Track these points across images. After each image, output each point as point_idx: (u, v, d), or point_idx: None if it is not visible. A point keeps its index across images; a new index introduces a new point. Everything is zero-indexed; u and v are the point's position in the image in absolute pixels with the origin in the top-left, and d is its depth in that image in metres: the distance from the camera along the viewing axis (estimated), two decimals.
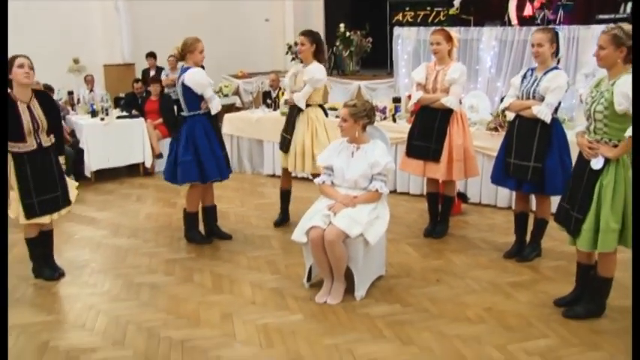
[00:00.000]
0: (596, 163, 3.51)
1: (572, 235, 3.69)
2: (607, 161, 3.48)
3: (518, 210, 4.88)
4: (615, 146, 3.46)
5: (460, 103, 5.25)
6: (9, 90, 4.18)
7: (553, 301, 3.98)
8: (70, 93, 9.37)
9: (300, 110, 5.43)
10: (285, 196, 5.84)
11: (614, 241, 3.51)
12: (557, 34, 4.46)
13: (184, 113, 5.14)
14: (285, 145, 5.54)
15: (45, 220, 4.41)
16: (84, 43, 10.55)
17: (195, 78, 4.98)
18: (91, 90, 9.59)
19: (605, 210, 3.47)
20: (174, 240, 5.45)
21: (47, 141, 4.35)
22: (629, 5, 8.81)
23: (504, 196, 6.20)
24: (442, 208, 5.50)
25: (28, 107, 4.24)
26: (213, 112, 5.14)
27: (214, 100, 5.12)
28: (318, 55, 5.43)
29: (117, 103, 9.40)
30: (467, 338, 3.58)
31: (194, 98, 5.05)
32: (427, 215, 5.59)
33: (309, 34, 5.43)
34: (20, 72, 4.15)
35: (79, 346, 3.58)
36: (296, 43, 5.74)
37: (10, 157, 4.20)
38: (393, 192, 6.73)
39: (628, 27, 3.44)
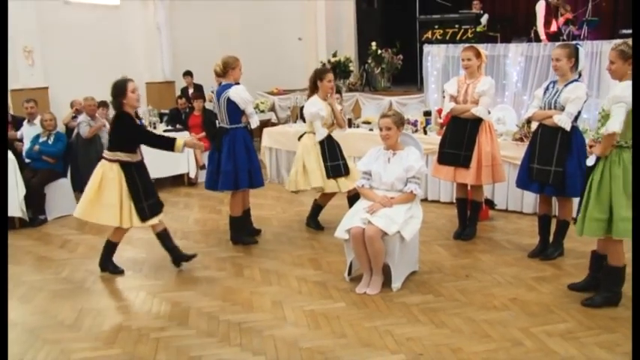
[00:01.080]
0: (590, 160, 4.03)
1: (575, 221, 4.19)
2: (598, 158, 3.97)
3: (541, 212, 5.26)
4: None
5: (489, 113, 5.67)
6: (125, 109, 4.75)
7: (567, 286, 4.42)
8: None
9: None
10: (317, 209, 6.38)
11: (600, 230, 3.97)
12: (577, 49, 4.87)
13: (226, 125, 5.61)
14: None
15: (154, 221, 4.97)
16: (128, 62, 11.15)
17: (240, 94, 5.50)
18: None
19: (592, 201, 3.96)
20: (223, 241, 5.93)
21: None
22: None
23: (530, 202, 6.55)
24: (470, 212, 5.89)
25: None
26: (253, 126, 5.67)
27: (254, 116, 5.64)
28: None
29: (161, 118, 10.00)
30: (493, 322, 3.98)
31: (237, 112, 5.56)
32: (456, 220, 5.98)
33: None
34: (134, 96, 4.79)
35: (148, 326, 4.06)
36: (329, 61, 6.23)
37: (117, 167, 4.72)
38: (425, 200, 7.15)
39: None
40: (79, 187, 7.74)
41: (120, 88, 4.76)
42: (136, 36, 11.52)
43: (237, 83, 5.67)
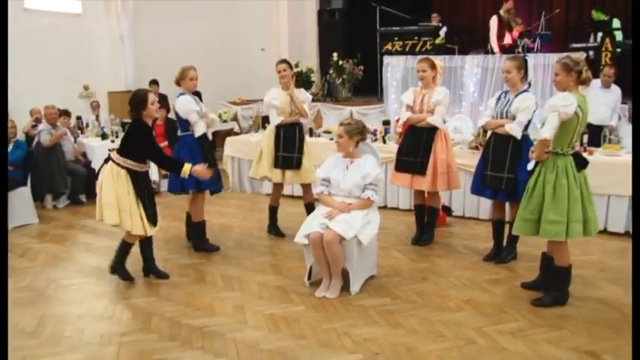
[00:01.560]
0: (530, 165, 4.39)
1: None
2: (537, 163, 4.29)
3: (495, 217, 5.48)
4: (547, 152, 4.21)
5: (444, 122, 5.87)
6: (144, 120, 4.80)
7: (520, 284, 4.65)
8: (79, 118, 9.95)
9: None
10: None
11: (527, 229, 4.33)
12: (525, 61, 5.12)
13: (178, 133, 5.80)
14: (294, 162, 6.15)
15: (155, 230, 5.01)
16: (90, 71, 11.13)
17: (181, 105, 5.66)
18: (97, 115, 10.18)
19: (524, 202, 4.35)
20: (185, 248, 5.99)
21: None
22: (599, 35, 9.57)
23: (486, 208, 6.77)
24: (428, 218, 6.07)
25: None
26: (196, 135, 5.70)
27: (198, 125, 5.69)
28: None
29: (123, 127, 9.97)
30: (448, 322, 4.14)
31: (183, 121, 5.71)
32: (415, 226, 6.16)
33: (287, 62, 6.22)
34: (153, 108, 4.83)
35: (110, 331, 4.10)
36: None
37: (124, 174, 4.74)
38: (384, 207, 7.33)
39: (576, 55, 4.21)
40: (39, 196, 7.74)
41: (141, 99, 4.78)
42: (98, 44, 11.48)
43: (199, 93, 5.78)
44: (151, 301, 4.63)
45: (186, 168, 4.90)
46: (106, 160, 4.87)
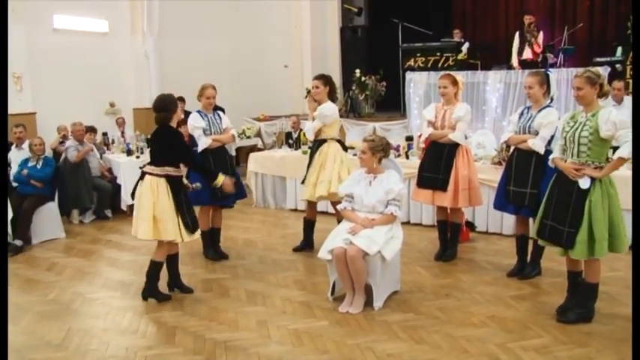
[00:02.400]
0: (584, 183, 4.12)
1: (565, 247, 4.22)
2: (592, 180, 4.08)
3: (518, 233, 5.44)
4: (596, 167, 4.06)
5: (465, 138, 5.86)
6: (172, 123, 4.90)
7: (556, 310, 4.46)
8: (105, 134, 10.11)
9: (318, 145, 6.07)
10: (309, 225, 6.43)
11: (606, 248, 4.10)
12: (547, 75, 5.10)
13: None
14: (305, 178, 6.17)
15: (196, 236, 5.06)
16: (116, 88, 11.33)
17: (189, 122, 5.98)
18: (123, 132, 10.35)
19: (599, 222, 4.05)
20: (209, 263, 6.04)
21: None
22: (619, 49, 9.51)
23: (509, 224, 6.72)
24: (450, 234, 6.04)
25: None
26: (199, 149, 5.91)
27: (200, 140, 5.94)
28: (331, 96, 6.17)
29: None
30: (471, 338, 4.12)
31: (192, 136, 6.04)
32: (438, 242, 6.14)
33: (322, 77, 6.16)
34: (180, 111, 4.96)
35: (135, 345, 4.15)
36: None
37: (164, 182, 4.77)
38: (407, 223, 7.32)
39: (595, 69, 4.17)
40: (66, 211, 7.87)
41: (171, 101, 4.88)
42: (124, 62, 11.67)
43: (222, 109, 5.92)
44: (175, 315, 4.68)
45: (220, 179, 5.01)
46: (142, 177, 4.85)
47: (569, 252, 4.21)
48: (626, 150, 3.96)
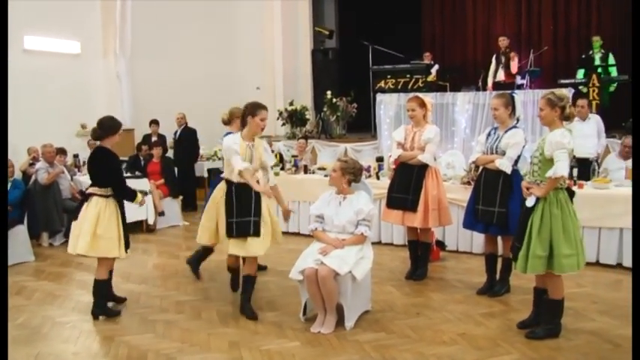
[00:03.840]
0: (529, 202, 4.31)
1: (515, 261, 4.40)
2: (538, 199, 4.25)
3: (487, 251, 5.55)
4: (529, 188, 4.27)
5: (435, 159, 5.97)
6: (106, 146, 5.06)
7: (516, 324, 4.60)
8: (76, 156, 10.04)
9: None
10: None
11: (541, 266, 4.24)
12: (512, 97, 5.26)
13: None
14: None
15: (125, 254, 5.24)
16: (88, 110, 11.20)
17: (225, 142, 5.11)
18: None
19: (533, 240, 4.23)
20: (182, 285, 6.01)
21: None
22: (581, 72, 9.85)
23: (479, 242, 6.82)
24: (421, 253, 6.12)
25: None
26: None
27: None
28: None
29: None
30: (442, 356, 4.18)
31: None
32: (408, 261, 6.22)
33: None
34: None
35: None
36: (286, 110, 6.31)
37: (112, 201, 5.05)
38: (378, 243, 7.39)
39: (559, 91, 4.35)
40: (35, 234, 7.77)
41: (110, 126, 5.12)
42: (96, 84, 11.63)
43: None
44: (147, 338, 4.65)
45: (138, 197, 5.29)
46: (86, 198, 5.15)
47: (514, 264, 4.41)
48: (552, 170, 4.13)
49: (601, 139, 8.13)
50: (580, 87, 9.55)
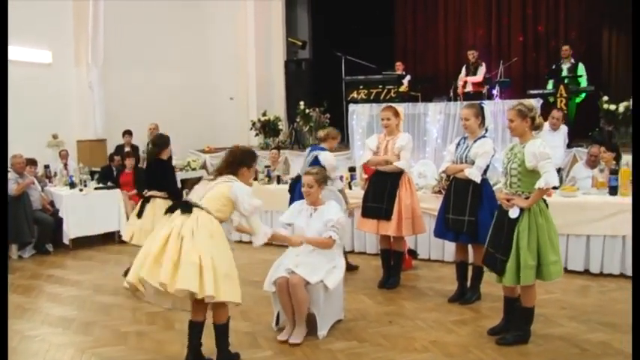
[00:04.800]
0: (513, 213, 4.32)
1: (498, 274, 4.42)
2: (522, 210, 4.27)
3: (458, 259, 5.63)
4: (527, 198, 4.27)
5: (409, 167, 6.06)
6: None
7: (487, 331, 4.67)
8: (47, 167, 9.92)
9: None
10: None
11: (533, 276, 4.28)
12: (482, 108, 5.36)
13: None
14: None
15: None
16: (60, 119, 11.11)
17: (329, 160, 6.24)
18: (66, 164, 10.18)
19: (523, 251, 4.24)
20: None
21: None
22: (550, 82, 10.07)
23: (451, 251, 6.87)
24: (394, 262, 6.18)
25: None
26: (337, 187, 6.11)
27: (337, 181, 6.35)
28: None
29: (92, 175, 9.98)
30: None
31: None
32: (381, 270, 6.26)
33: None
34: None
35: None
36: (259, 120, 6.50)
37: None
38: (351, 252, 7.45)
39: (528, 102, 4.42)
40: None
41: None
42: (68, 94, 11.49)
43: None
44: (119, 350, 4.61)
45: None
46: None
47: (502, 279, 4.40)
48: (542, 181, 4.18)
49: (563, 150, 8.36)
50: (549, 97, 9.74)
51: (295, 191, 6.31)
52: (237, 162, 4.22)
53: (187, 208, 3.98)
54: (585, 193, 6.74)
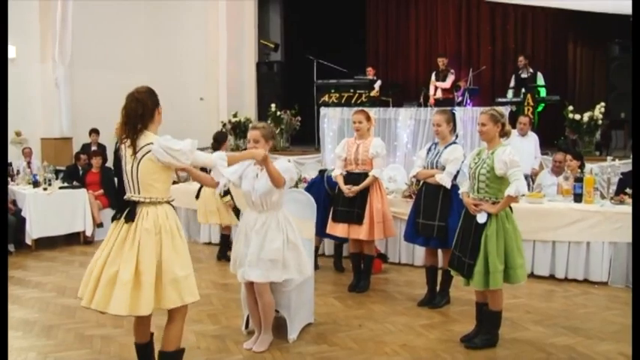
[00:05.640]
0: (481, 218, 4.37)
1: (466, 277, 4.46)
2: (489, 215, 4.32)
3: (428, 264, 5.66)
4: (494, 203, 4.32)
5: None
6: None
7: (460, 339, 4.67)
8: (9, 164, 9.67)
9: None
10: None
11: (501, 280, 4.32)
12: (453, 114, 5.41)
13: None
14: None
15: None
16: (23, 117, 10.87)
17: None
18: (29, 162, 9.96)
19: (492, 255, 4.29)
20: None
21: None
22: (510, 92, 10.37)
23: (421, 255, 6.92)
24: (364, 266, 6.19)
25: None
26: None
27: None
28: None
29: (57, 174, 9.77)
30: None
31: None
32: (351, 274, 6.27)
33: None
34: None
35: None
36: (229, 122, 6.41)
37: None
38: (322, 255, 7.42)
39: (499, 108, 4.48)
40: None
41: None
42: (33, 90, 11.26)
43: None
44: (83, 355, 4.51)
45: None
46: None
47: (470, 282, 4.44)
48: (513, 189, 4.22)
49: (537, 157, 8.47)
50: (517, 105, 9.90)
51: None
52: (144, 106, 3.65)
53: (130, 214, 3.59)
54: (551, 200, 6.85)
